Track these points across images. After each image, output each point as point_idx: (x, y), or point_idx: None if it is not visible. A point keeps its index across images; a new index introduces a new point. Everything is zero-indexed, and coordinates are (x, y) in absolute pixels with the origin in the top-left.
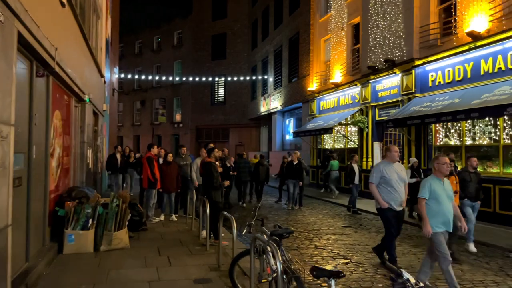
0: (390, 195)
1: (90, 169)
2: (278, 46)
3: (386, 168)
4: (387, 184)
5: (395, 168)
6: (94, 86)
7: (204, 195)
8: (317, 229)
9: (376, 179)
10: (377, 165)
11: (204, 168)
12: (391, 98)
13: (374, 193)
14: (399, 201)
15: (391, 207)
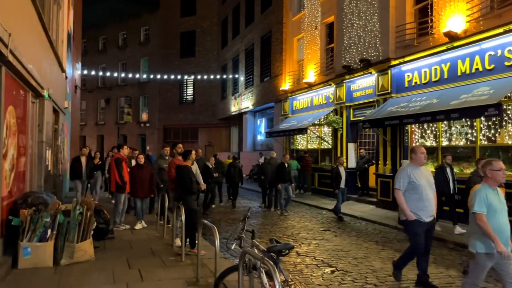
0: (419, 203)
1: (50, 171)
2: (249, 44)
3: (414, 172)
4: (415, 190)
5: (423, 172)
6: (54, 81)
7: (179, 201)
8: (296, 234)
9: (403, 185)
10: (403, 170)
11: (179, 172)
12: (366, 98)
13: (400, 202)
14: (430, 211)
15: (419, 219)
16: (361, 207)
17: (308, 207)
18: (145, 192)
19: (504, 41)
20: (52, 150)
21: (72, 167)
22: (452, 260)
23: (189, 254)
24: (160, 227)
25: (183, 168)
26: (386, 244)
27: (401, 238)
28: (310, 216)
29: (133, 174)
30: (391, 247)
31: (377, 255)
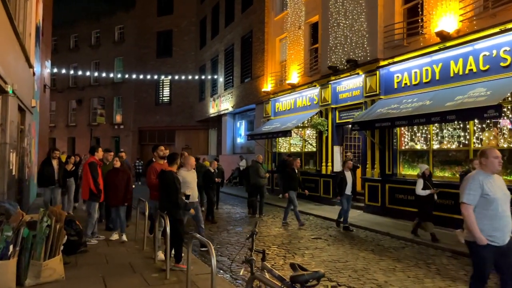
0: (494, 222)
1: (14, 176)
2: (229, 44)
3: (486, 182)
4: (488, 205)
5: (497, 182)
6: (20, 77)
7: (162, 210)
8: (287, 243)
9: (473, 198)
10: (472, 178)
11: (163, 178)
12: (353, 100)
13: (470, 222)
14: (506, 231)
15: (492, 243)
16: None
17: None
18: (119, 200)
19: (500, 41)
20: (17, 152)
21: (42, 172)
22: None
23: (174, 269)
24: (139, 237)
25: (167, 174)
26: (383, 253)
27: (396, 246)
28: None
29: (107, 179)
30: (388, 256)
31: (377, 266)
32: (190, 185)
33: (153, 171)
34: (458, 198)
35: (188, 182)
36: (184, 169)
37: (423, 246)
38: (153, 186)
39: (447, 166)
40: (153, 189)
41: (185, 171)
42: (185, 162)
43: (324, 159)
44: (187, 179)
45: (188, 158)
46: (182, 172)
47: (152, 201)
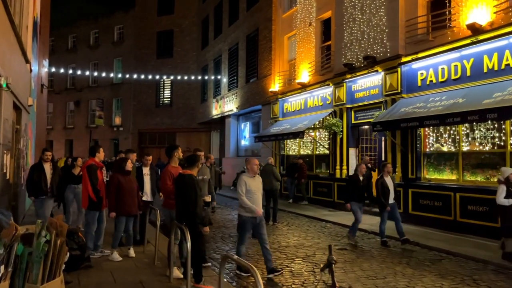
0: None
1: (8, 180)
2: (233, 44)
3: None
4: None
5: None
6: (16, 71)
7: (181, 221)
8: (311, 255)
9: None
10: None
11: (181, 184)
12: (371, 99)
13: None
14: None
15: None
16: (367, 219)
17: (308, 219)
18: (136, 207)
19: None
20: (12, 154)
21: (31, 179)
22: None
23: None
24: (149, 248)
25: (187, 178)
26: (420, 267)
27: (431, 258)
28: (316, 231)
29: (121, 185)
30: (429, 271)
31: (421, 283)
32: (253, 196)
33: (169, 175)
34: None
35: (252, 191)
36: (247, 174)
37: (461, 259)
38: (168, 193)
39: (479, 170)
40: (168, 196)
41: (248, 177)
42: (248, 166)
43: (338, 162)
44: (251, 187)
45: (251, 161)
46: (245, 179)
47: (166, 209)
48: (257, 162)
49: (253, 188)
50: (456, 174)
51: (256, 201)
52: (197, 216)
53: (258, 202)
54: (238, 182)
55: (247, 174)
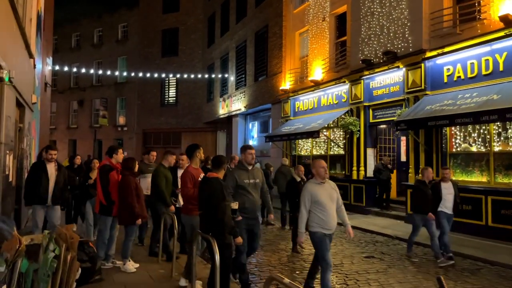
0: None
1: (11, 183)
2: (241, 41)
3: None
4: None
5: None
6: (19, 65)
7: (206, 231)
8: (338, 264)
9: None
10: None
11: (207, 188)
12: (391, 96)
13: None
14: None
15: None
16: (388, 223)
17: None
18: (144, 213)
19: None
20: (15, 154)
21: (30, 182)
22: None
23: None
24: (162, 260)
25: (213, 182)
26: (461, 278)
27: (468, 267)
28: (336, 236)
29: (136, 187)
30: (472, 284)
31: None
32: (325, 209)
33: (190, 178)
34: None
35: (323, 203)
36: (314, 181)
37: (500, 268)
38: (189, 197)
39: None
40: (189, 201)
41: (314, 184)
42: (314, 170)
43: (355, 163)
44: (320, 198)
45: (318, 163)
46: (310, 188)
47: (187, 216)
48: (324, 164)
49: (322, 199)
50: (486, 176)
51: (330, 216)
52: (225, 225)
53: (332, 216)
54: (302, 194)
55: (313, 180)
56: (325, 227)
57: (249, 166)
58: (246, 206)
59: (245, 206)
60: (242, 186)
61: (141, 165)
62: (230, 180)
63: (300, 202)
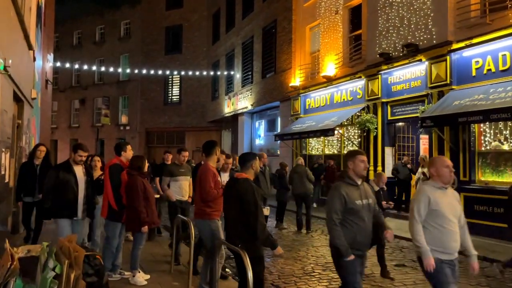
0: None
1: (7, 184)
2: (247, 37)
3: None
4: None
5: None
6: (17, 55)
7: (234, 242)
8: (369, 274)
9: None
10: None
11: (235, 191)
12: (412, 92)
13: None
14: None
15: None
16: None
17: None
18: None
19: None
20: (13, 153)
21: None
22: None
23: None
24: (175, 270)
25: (245, 184)
26: None
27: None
28: None
29: (145, 189)
30: None
31: None
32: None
33: (212, 176)
34: None
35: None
36: (434, 183)
37: None
38: (211, 199)
39: None
40: (208, 204)
41: (435, 187)
42: (432, 170)
43: (372, 162)
44: (441, 208)
45: (439, 161)
46: (430, 193)
47: (204, 221)
48: (449, 163)
49: (444, 210)
50: None
51: (451, 235)
52: (259, 234)
53: (454, 235)
54: (416, 197)
55: (433, 183)
56: (444, 251)
57: (358, 180)
58: (359, 240)
59: (357, 239)
60: (353, 209)
61: (172, 167)
62: (337, 201)
63: (412, 209)
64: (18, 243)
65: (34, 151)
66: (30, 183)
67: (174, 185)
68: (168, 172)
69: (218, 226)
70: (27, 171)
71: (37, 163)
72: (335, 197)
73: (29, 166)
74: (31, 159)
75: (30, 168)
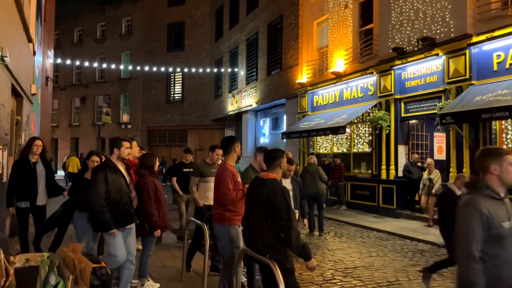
0: None
1: (5, 184)
2: (252, 33)
3: None
4: None
5: None
6: (16, 47)
7: (263, 252)
8: (395, 281)
9: None
10: None
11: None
12: (427, 88)
13: None
14: None
15: None
16: (425, 228)
17: (355, 228)
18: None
19: None
20: (11, 150)
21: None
22: None
23: None
24: (187, 278)
25: (274, 185)
26: None
27: None
28: (375, 244)
29: (157, 190)
30: None
31: None
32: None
33: (231, 177)
34: None
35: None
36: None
37: None
38: (230, 202)
39: None
40: (227, 207)
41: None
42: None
43: (384, 161)
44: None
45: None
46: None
47: (223, 226)
48: None
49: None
50: None
51: None
52: (294, 243)
53: None
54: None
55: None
56: None
57: (502, 192)
58: (505, 277)
59: (503, 277)
60: (499, 235)
61: (202, 166)
62: (475, 224)
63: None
64: (16, 248)
65: (29, 146)
66: (27, 184)
67: (203, 187)
68: (198, 171)
69: (238, 233)
70: (22, 171)
71: (33, 161)
72: (473, 218)
73: (24, 165)
74: (25, 156)
75: (25, 166)
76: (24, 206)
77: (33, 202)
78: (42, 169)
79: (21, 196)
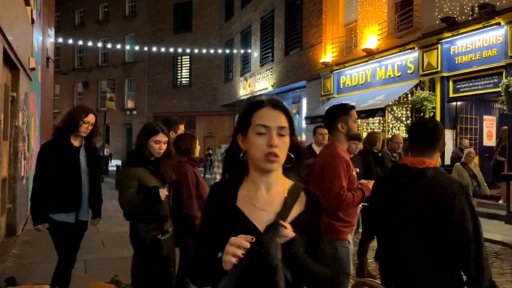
0: None
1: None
2: (267, 11)
3: None
4: None
5: None
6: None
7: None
8: None
9: None
10: None
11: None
12: (484, 63)
13: None
14: None
15: None
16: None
17: None
18: None
19: None
20: (6, 134)
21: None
22: None
23: None
24: None
25: (441, 179)
26: None
27: None
28: None
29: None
30: None
31: None
32: None
33: (344, 169)
34: None
35: None
36: None
37: None
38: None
39: None
40: (340, 216)
41: None
42: None
43: None
44: None
45: None
46: None
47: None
48: None
49: None
50: None
51: None
52: (485, 278)
53: None
54: None
55: None
56: None
57: None
58: None
59: None
60: None
61: None
62: None
63: None
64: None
65: (73, 119)
66: (70, 184)
67: None
68: None
69: (349, 252)
70: (61, 161)
71: (76, 145)
72: None
73: (65, 151)
74: (65, 136)
75: (67, 154)
76: (66, 220)
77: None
78: (85, 161)
79: (60, 203)
